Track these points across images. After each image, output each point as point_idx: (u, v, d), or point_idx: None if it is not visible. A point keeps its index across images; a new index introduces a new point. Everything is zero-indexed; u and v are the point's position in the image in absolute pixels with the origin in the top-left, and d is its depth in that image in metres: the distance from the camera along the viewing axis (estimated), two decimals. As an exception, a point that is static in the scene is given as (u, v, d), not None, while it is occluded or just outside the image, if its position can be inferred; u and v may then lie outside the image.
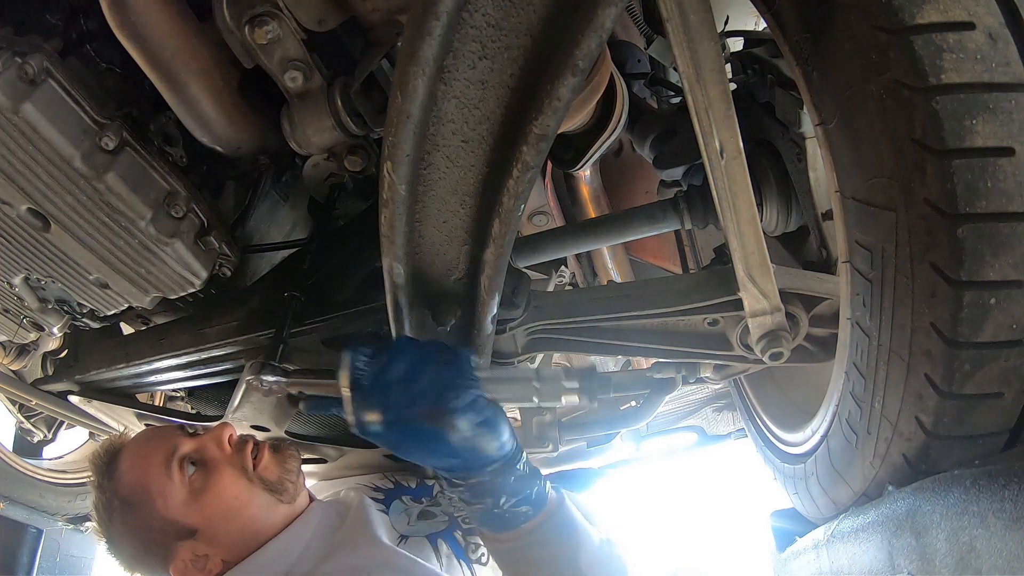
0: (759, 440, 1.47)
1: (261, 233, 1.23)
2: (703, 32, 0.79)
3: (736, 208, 0.92)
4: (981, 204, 0.65)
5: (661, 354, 1.19)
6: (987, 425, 0.72)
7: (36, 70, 0.82)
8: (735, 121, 0.85)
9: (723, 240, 1.02)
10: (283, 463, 1.23)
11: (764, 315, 1.03)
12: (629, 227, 1.26)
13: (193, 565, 1.13)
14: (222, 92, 0.88)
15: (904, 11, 0.65)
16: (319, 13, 0.83)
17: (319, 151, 0.95)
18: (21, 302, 1.12)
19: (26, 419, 2.09)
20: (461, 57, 0.63)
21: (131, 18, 0.78)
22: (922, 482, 0.73)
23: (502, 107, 0.67)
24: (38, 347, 1.63)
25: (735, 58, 1.26)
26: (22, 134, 0.84)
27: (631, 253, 2.06)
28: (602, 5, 0.59)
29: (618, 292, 1.13)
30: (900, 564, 0.75)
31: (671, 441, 2.82)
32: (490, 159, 0.71)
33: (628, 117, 1.29)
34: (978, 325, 0.67)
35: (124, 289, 1.04)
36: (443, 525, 1.31)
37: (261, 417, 1.30)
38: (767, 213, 1.21)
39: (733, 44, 1.34)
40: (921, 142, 0.66)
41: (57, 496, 2.20)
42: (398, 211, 0.73)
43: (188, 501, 1.12)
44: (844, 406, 0.92)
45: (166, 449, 1.15)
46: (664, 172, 1.36)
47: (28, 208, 0.93)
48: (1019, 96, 0.65)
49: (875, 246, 0.76)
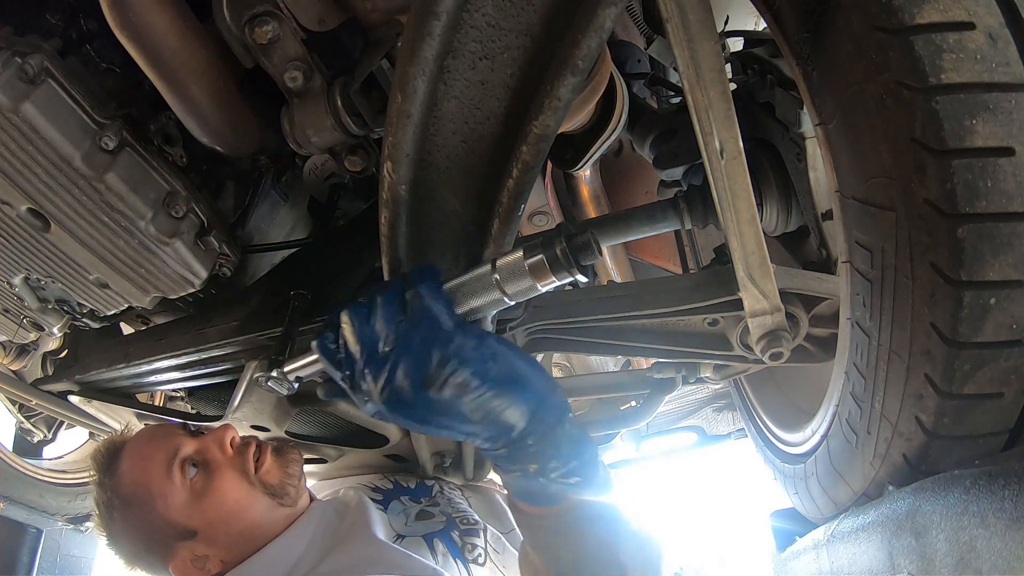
0: (759, 440, 1.47)
1: (261, 233, 1.23)
2: (703, 32, 0.79)
3: (736, 208, 0.92)
4: (981, 204, 0.65)
5: (661, 354, 1.19)
6: (987, 425, 0.72)
7: (36, 70, 0.82)
8: (735, 121, 0.86)
9: (723, 240, 1.02)
10: (285, 467, 1.23)
11: (764, 315, 1.03)
12: (629, 227, 1.26)
13: (193, 565, 1.13)
14: (222, 92, 0.88)
15: (904, 11, 0.65)
16: (319, 13, 0.83)
17: (319, 151, 0.95)
18: (21, 302, 1.12)
19: (26, 419, 2.09)
20: (461, 57, 0.63)
21: (131, 18, 0.78)
22: (922, 482, 0.73)
23: (502, 107, 0.67)
24: (38, 347, 1.63)
25: (735, 58, 1.26)
26: (22, 134, 0.84)
27: (631, 253, 2.06)
28: (602, 5, 0.59)
29: (618, 292, 1.13)
30: (900, 564, 0.75)
31: (671, 441, 2.82)
32: (490, 159, 0.71)
33: (628, 117, 1.29)
34: (978, 325, 0.67)
35: (124, 289, 1.04)
36: (440, 525, 1.31)
37: (261, 417, 1.30)
38: (767, 213, 1.21)
39: (733, 44, 1.34)
40: (921, 142, 0.66)
41: (57, 496, 2.20)
42: (398, 211, 0.73)
43: (189, 503, 1.12)
44: (844, 406, 0.92)
45: (168, 450, 1.15)
46: (664, 172, 1.36)
47: (28, 208, 0.93)
48: (1019, 96, 0.65)
49: (875, 246, 0.76)
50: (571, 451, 0.72)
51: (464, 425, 0.69)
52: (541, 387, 0.71)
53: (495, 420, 0.69)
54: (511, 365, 0.69)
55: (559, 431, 0.72)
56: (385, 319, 0.67)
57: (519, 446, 0.71)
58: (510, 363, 0.69)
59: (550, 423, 0.71)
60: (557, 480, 0.73)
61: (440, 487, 1.52)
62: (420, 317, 0.67)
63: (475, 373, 0.66)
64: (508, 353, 0.70)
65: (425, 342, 0.66)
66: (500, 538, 1.35)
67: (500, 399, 0.68)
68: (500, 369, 0.68)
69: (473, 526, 1.34)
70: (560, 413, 0.72)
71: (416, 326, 0.67)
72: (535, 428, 0.70)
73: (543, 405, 0.71)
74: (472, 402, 0.67)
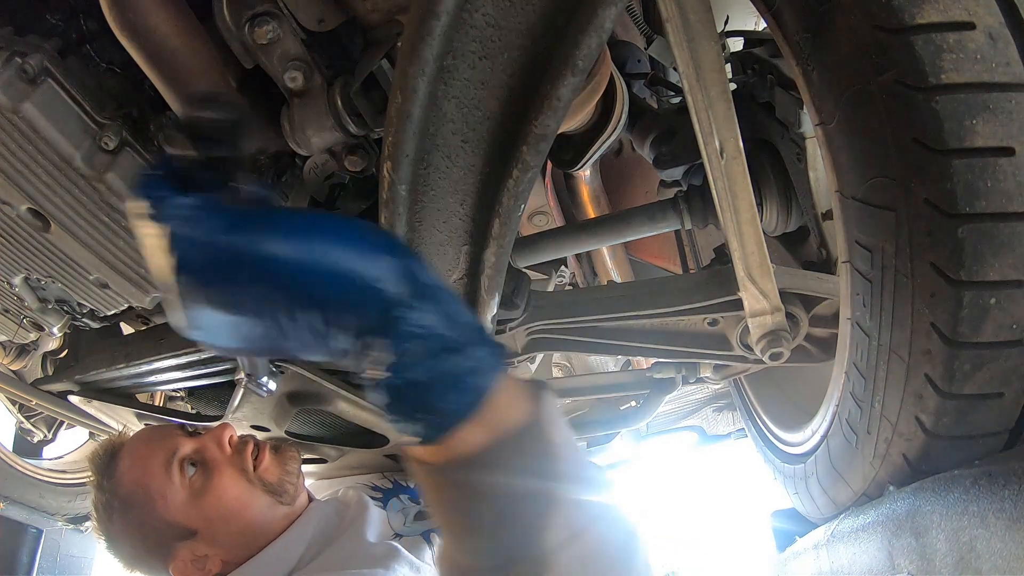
0: (759, 440, 1.47)
1: (261, 233, 1.23)
2: (703, 32, 0.79)
3: (736, 208, 0.92)
4: (981, 204, 0.65)
5: (661, 354, 1.19)
6: (987, 425, 0.72)
7: (36, 70, 0.82)
8: (735, 121, 0.86)
9: (723, 240, 1.02)
10: (283, 464, 1.23)
11: (764, 315, 1.03)
12: (629, 227, 1.26)
13: (193, 565, 1.13)
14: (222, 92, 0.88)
15: (904, 11, 0.65)
16: (319, 13, 0.82)
17: (319, 151, 0.95)
18: (21, 302, 1.12)
19: (26, 419, 2.09)
20: (461, 57, 0.63)
21: (131, 18, 0.78)
22: (922, 482, 0.73)
23: (502, 107, 0.67)
24: (38, 347, 1.63)
25: (735, 58, 1.26)
26: (22, 134, 0.84)
27: (631, 253, 2.06)
28: (602, 5, 0.59)
29: (618, 292, 1.13)
30: (900, 564, 0.75)
31: (671, 441, 2.82)
32: (490, 159, 0.71)
33: (628, 117, 1.30)
34: (978, 325, 0.67)
35: (124, 289, 1.04)
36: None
37: (261, 417, 1.30)
38: (767, 213, 1.21)
39: (733, 44, 1.34)
40: (921, 142, 0.66)
41: (57, 496, 2.20)
42: (398, 211, 0.73)
43: (188, 502, 1.12)
44: (844, 406, 0.92)
45: (166, 450, 1.15)
46: (664, 172, 1.36)
47: (28, 208, 0.93)
48: (1019, 96, 0.65)
49: (875, 246, 0.76)
50: (441, 340, 0.49)
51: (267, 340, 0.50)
52: (350, 256, 0.49)
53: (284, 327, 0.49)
54: (281, 240, 0.49)
55: (409, 316, 0.48)
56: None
57: (362, 354, 0.49)
58: (280, 237, 0.49)
59: (380, 307, 0.48)
60: (425, 395, 0.49)
61: None
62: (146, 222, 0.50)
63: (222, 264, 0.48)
64: (290, 221, 0.50)
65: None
66: None
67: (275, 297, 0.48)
68: (257, 250, 0.48)
69: None
70: (401, 285, 0.49)
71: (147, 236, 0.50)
72: (365, 320, 0.48)
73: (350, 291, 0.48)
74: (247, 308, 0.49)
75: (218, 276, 0.49)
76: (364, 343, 0.49)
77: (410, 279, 0.49)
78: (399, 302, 0.48)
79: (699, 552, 6.10)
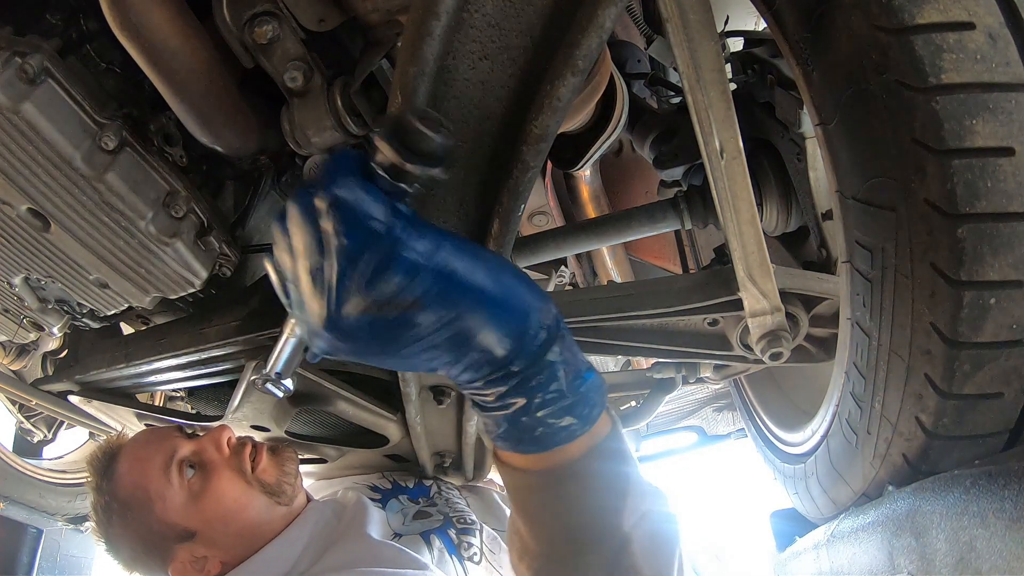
0: (759, 440, 1.47)
1: (261, 233, 1.23)
2: (703, 32, 0.79)
3: (736, 208, 0.92)
4: (981, 204, 0.65)
5: (661, 354, 1.19)
6: (987, 425, 0.72)
7: (36, 70, 0.82)
8: (735, 121, 0.86)
9: (723, 240, 1.02)
10: (281, 465, 1.24)
11: (764, 315, 1.03)
12: (629, 227, 1.26)
13: (192, 566, 1.13)
14: (222, 92, 0.88)
15: (904, 11, 0.65)
16: (319, 13, 0.82)
17: (319, 151, 0.95)
18: (21, 302, 1.12)
19: (26, 419, 2.10)
20: (461, 57, 0.63)
21: (131, 18, 0.78)
22: (922, 482, 0.73)
23: (502, 107, 0.67)
24: (38, 347, 1.63)
25: (735, 58, 1.26)
26: (22, 134, 0.84)
27: (631, 253, 2.06)
28: (602, 5, 0.59)
29: (618, 292, 1.13)
30: (900, 564, 0.75)
31: (671, 441, 2.82)
32: (490, 159, 0.71)
33: (628, 117, 1.30)
34: (978, 325, 0.67)
35: (124, 289, 1.04)
36: (438, 523, 1.31)
37: (261, 417, 1.30)
38: (767, 213, 1.21)
39: (733, 44, 1.34)
40: (921, 142, 0.66)
41: (57, 496, 2.20)
42: (398, 211, 0.73)
43: (187, 504, 1.12)
44: (844, 406, 0.92)
45: (165, 452, 1.15)
46: (664, 172, 1.36)
47: (28, 208, 0.93)
48: (1019, 96, 0.65)
49: (875, 246, 0.76)
50: (566, 383, 0.57)
51: (428, 354, 0.54)
52: (523, 297, 0.56)
53: (466, 345, 0.54)
54: (478, 270, 0.54)
55: (551, 356, 0.56)
56: (307, 234, 0.52)
57: (500, 377, 0.56)
58: (477, 267, 0.54)
59: (538, 346, 0.56)
60: (546, 420, 0.57)
61: (438, 487, 1.52)
62: (341, 222, 0.51)
63: (426, 285, 0.52)
64: (474, 253, 0.54)
65: (351, 255, 0.51)
66: (496, 538, 1.36)
67: (467, 318, 0.53)
68: (462, 277, 0.53)
69: (470, 525, 1.34)
70: (551, 332, 0.57)
71: (339, 235, 0.51)
72: (519, 353, 0.55)
73: (528, 322, 0.55)
74: (431, 324, 0.52)
75: (421, 292, 0.52)
76: (507, 373, 0.56)
77: (558, 322, 0.59)
78: (551, 343, 0.57)
79: (699, 551, 6.10)
